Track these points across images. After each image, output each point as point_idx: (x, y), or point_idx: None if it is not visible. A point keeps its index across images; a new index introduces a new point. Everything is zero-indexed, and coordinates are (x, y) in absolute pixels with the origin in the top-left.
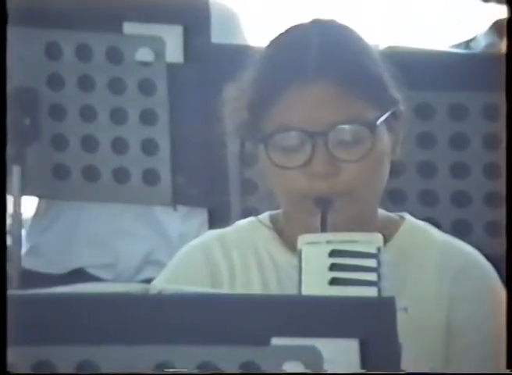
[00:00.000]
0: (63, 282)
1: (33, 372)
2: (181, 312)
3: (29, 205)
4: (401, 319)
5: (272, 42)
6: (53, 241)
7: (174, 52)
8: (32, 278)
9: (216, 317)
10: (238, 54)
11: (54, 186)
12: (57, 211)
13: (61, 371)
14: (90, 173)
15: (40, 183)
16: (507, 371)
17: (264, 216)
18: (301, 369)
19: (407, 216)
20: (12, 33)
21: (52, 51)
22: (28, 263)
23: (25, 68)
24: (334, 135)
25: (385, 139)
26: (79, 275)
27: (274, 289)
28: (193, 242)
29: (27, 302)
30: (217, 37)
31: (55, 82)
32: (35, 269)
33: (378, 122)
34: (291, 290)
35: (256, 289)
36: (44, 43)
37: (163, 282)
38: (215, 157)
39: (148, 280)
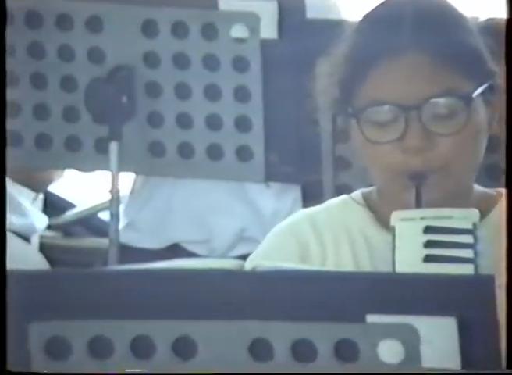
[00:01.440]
0: (159, 257)
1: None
2: (275, 289)
3: (126, 181)
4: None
5: (366, 16)
6: (149, 216)
7: (268, 28)
8: (129, 253)
9: (311, 294)
10: (332, 29)
11: (150, 163)
12: (153, 187)
13: (159, 346)
14: (185, 150)
15: (136, 160)
16: (507, 371)
17: (357, 193)
18: (398, 348)
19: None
20: (109, 11)
21: (149, 29)
22: (126, 238)
23: (121, 46)
24: (428, 109)
25: (481, 113)
26: (175, 250)
27: (366, 268)
28: (284, 222)
29: (126, 277)
30: (312, 12)
31: (151, 60)
32: (132, 244)
33: (474, 95)
34: (384, 268)
35: (348, 267)
36: (141, 21)
37: (257, 258)
38: (308, 134)
39: (241, 257)
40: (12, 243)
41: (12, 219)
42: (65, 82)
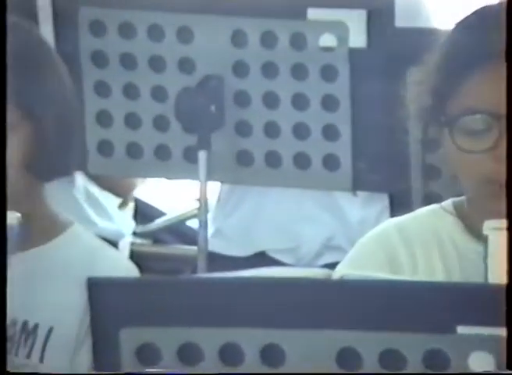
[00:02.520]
0: (246, 265)
1: None
2: (364, 299)
3: (212, 190)
4: None
5: (458, 25)
6: (236, 224)
7: (357, 37)
8: (217, 260)
9: (400, 304)
10: (422, 37)
11: (237, 171)
12: (240, 196)
13: (247, 353)
14: (272, 159)
15: (224, 169)
16: (507, 371)
17: (448, 202)
18: (489, 360)
19: None
20: (200, 21)
21: (238, 39)
22: (213, 246)
23: (211, 56)
24: None
25: None
26: (261, 258)
27: (457, 277)
28: (373, 231)
29: (215, 284)
30: (401, 20)
31: (240, 69)
32: (220, 252)
33: None
34: (475, 278)
35: (439, 277)
36: (231, 30)
37: (345, 268)
38: (397, 142)
39: (328, 265)
40: (104, 250)
41: (98, 224)
42: (156, 92)
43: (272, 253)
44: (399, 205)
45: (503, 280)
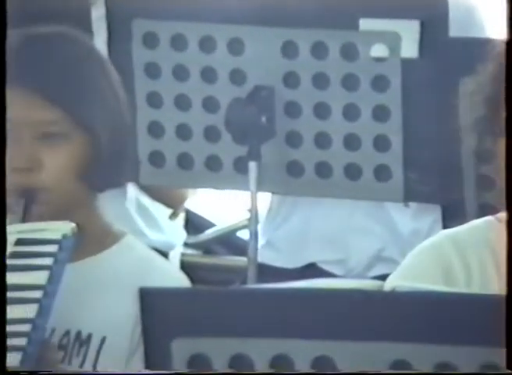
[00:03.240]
0: (296, 276)
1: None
2: (416, 311)
3: (263, 201)
4: None
5: None
6: (287, 236)
7: (409, 47)
8: (267, 271)
9: (454, 316)
10: (476, 47)
11: (288, 182)
12: (290, 206)
13: (297, 365)
14: (323, 170)
15: (274, 180)
16: (507, 371)
17: (502, 214)
18: None
19: None
20: (251, 33)
21: (289, 50)
22: (263, 257)
23: (262, 67)
24: None
25: None
26: (311, 270)
27: None
28: (426, 242)
29: (265, 295)
30: (454, 30)
31: (291, 80)
32: (270, 263)
33: None
34: None
35: (494, 290)
36: (281, 41)
37: (397, 279)
38: (449, 152)
39: (379, 277)
40: (156, 260)
41: (149, 235)
42: (207, 103)
43: (322, 264)
44: (452, 217)
45: None
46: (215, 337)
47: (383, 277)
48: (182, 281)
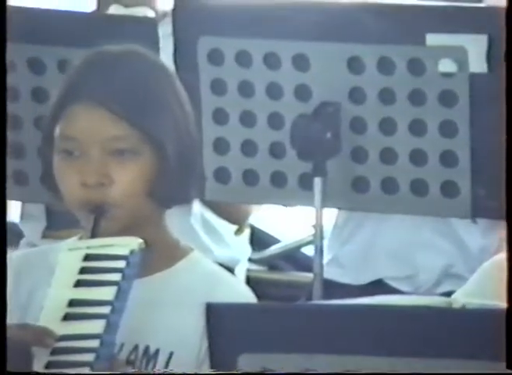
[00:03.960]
0: (363, 292)
1: None
2: (487, 327)
3: (328, 217)
4: None
5: None
6: (353, 252)
7: (478, 62)
8: (333, 287)
9: None
10: None
11: (353, 198)
12: (356, 222)
13: None
14: (389, 186)
15: (340, 196)
16: (507, 371)
17: None
18: None
19: None
20: (316, 49)
21: (355, 65)
22: (329, 273)
23: (328, 83)
24: None
25: None
26: (378, 286)
27: None
28: (495, 259)
29: (331, 312)
30: None
31: (357, 95)
32: (335, 279)
33: None
34: None
35: None
36: (347, 57)
37: (466, 296)
38: None
39: (448, 294)
40: (222, 276)
41: (214, 251)
42: (272, 119)
43: (389, 281)
44: None
45: None
46: (281, 352)
47: (451, 294)
48: (248, 297)
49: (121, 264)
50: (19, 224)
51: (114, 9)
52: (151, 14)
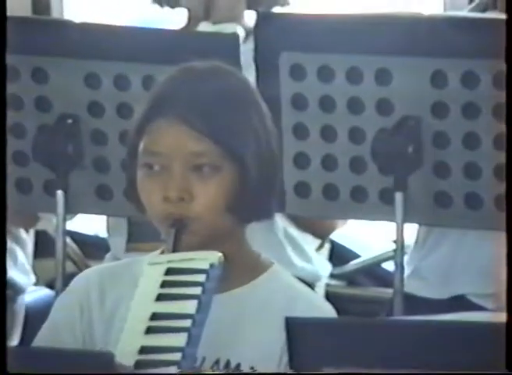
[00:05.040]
0: (444, 308)
1: None
2: None
3: (409, 232)
4: None
5: None
6: (434, 266)
7: None
8: (413, 302)
9: None
10: None
11: (435, 213)
12: (438, 237)
13: None
14: (473, 201)
15: (421, 211)
16: (507, 372)
17: None
18: None
19: None
20: (399, 63)
21: (438, 80)
22: (410, 288)
23: (410, 97)
24: None
25: None
26: (460, 302)
27: None
28: None
29: (412, 327)
30: None
31: (439, 109)
32: (416, 294)
33: None
34: None
35: None
36: (431, 72)
37: None
38: None
39: None
40: (302, 290)
41: (297, 265)
42: (353, 133)
43: (471, 297)
44: None
45: None
46: (361, 367)
47: None
48: (328, 311)
49: (201, 278)
50: (107, 238)
51: (203, 26)
52: (239, 31)
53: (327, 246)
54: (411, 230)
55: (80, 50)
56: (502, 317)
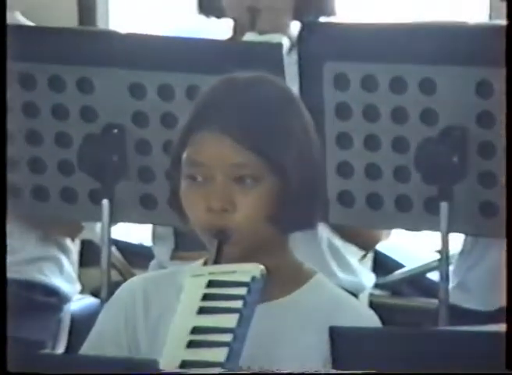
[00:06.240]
0: (489, 319)
1: None
2: None
3: (454, 241)
4: None
5: None
6: (480, 277)
7: None
8: (458, 313)
9: None
10: None
11: (481, 223)
12: (484, 247)
13: None
14: None
15: (467, 220)
16: (507, 371)
17: None
18: None
19: None
20: (442, 72)
21: (483, 89)
22: (455, 298)
23: (454, 106)
24: None
25: None
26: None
27: None
28: None
29: (457, 338)
30: None
31: (485, 119)
32: (461, 305)
33: None
34: None
35: None
36: (476, 81)
37: None
38: None
39: None
40: (346, 299)
41: (339, 276)
42: (397, 142)
43: None
44: None
45: None
46: None
47: None
48: (373, 321)
49: (242, 291)
50: (151, 246)
51: (248, 37)
52: (285, 41)
53: (370, 256)
54: (456, 240)
55: (125, 60)
56: None
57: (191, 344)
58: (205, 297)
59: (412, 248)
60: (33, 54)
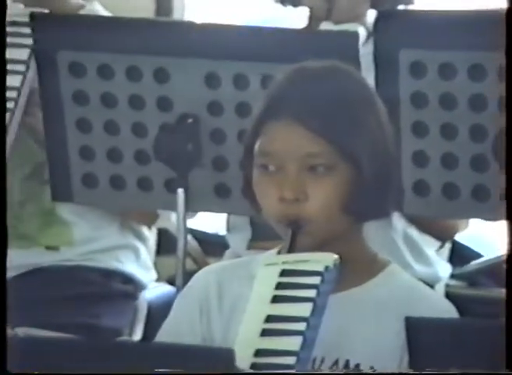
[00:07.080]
0: None
1: None
2: None
3: None
4: None
5: None
6: None
7: None
8: None
9: None
10: None
11: None
12: None
13: None
14: None
15: None
16: (507, 372)
17: None
18: None
19: None
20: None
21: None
22: None
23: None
24: None
25: None
26: None
27: None
28: None
29: None
30: None
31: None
32: None
33: None
34: None
35: None
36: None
37: None
38: None
39: None
40: (422, 289)
41: (415, 267)
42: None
43: None
44: None
45: None
46: (480, 368)
47: None
48: (450, 312)
49: (316, 280)
50: (226, 236)
51: (324, 26)
52: (361, 31)
53: (448, 245)
54: None
55: (200, 50)
56: None
57: (265, 333)
58: (279, 285)
59: (491, 237)
60: (111, 44)
